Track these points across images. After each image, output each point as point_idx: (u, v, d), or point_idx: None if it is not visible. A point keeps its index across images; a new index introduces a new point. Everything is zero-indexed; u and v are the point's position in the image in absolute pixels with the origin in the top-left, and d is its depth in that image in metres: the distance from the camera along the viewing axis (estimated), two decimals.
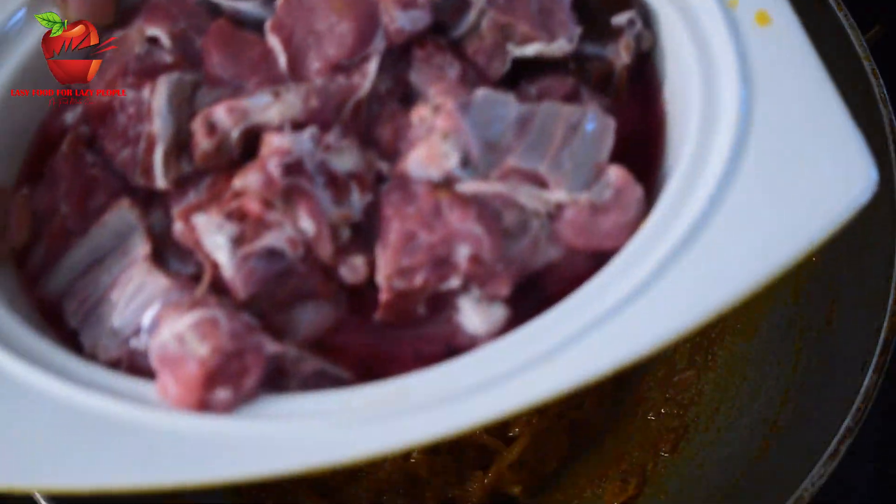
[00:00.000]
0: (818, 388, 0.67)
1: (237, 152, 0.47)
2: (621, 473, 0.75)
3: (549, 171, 0.45)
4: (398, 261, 0.45)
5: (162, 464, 0.42)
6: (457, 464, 0.75)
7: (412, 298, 0.45)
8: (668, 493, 0.72)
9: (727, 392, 0.74)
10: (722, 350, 0.77)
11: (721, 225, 0.43)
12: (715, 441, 0.73)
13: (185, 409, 0.43)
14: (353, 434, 0.42)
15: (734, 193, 0.43)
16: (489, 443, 0.74)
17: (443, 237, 0.44)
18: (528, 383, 0.42)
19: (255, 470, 0.42)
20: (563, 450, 0.77)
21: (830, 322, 0.68)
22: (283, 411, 0.43)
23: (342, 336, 0.47)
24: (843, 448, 0.60)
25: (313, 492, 0.75)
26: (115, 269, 0.48)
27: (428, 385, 0.43)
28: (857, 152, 0.42)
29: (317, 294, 0.46)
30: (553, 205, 0.45)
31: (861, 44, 0.65)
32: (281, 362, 0.45)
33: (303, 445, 0.42)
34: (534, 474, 0.76)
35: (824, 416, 0.63)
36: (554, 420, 0.76)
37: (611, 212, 0.45)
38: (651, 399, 0.78)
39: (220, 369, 0.43)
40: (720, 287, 0.42)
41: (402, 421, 0.42)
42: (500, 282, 0.45)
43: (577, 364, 0.42)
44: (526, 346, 0.43)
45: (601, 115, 0.47)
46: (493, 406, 0.42)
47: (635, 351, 0.41)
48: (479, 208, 0.45)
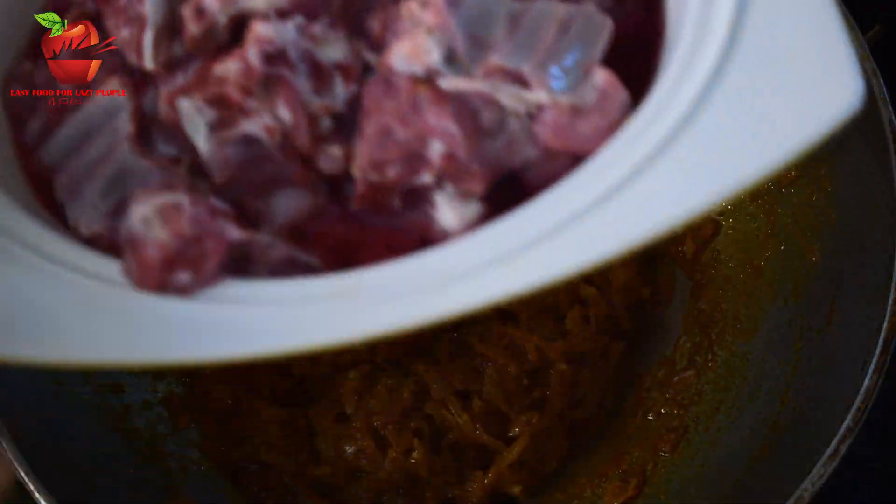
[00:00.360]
0: (818, 388, 0.67)
1: (226, 38, 0.48)
2: (621, 473, 0.75)
3: (532, 72, 0.45)
4: (373, 153, 0.45)
5: (112, 342, 0.43)
6: (457, 464, 0.75)
7: (386, 191, 0.46)
8: (668, 493, 0.72)
9: (727, 392, 0.74)
10: (722, 350, 0.77)
11: (700, 131, 0.42)
12: (715, 441, 0.73)
13: (146, 290, 0.44)
14: (311, 322, 0.42)
15: (715, 102, 0.43)
16: (489, 443, 0.74)
17: (418, 132, 0.45)
18: (495, 279, 0.42)
19: (205, 353, 0.43)
20: (563, 450, 0.77)
21: (830, 322, 0.68)
22: (243, 296, 0.44)
23: (318, 224, 0.47)
24: (843, 448, 0.60)
25: (313, 492, 0.75)
26: (103, 146, 0.49)
27: (394, 275, 0.43)
28: (845, 66, 0.41)
29: (294, 182, 0.47)
30: (534, 105, 0.45)
31: (861, 44, 0.65)
32: (249, 248, 0.45)
33: (258, 331, 0.43)
34: (534, 474, 0.76)
35: (824, 416, 0.63)
36: (554, 420, 0.76)
37: (592, 115, 0.45)
38: (651, 399, 0.78)
39: (178, 253, 0.44)
40: (695, 193, 0.41)
41: (363, 311, 0.42)
42: (474, 179, 0.45)
43: (545, 262, 0.41)
44: (496, 241, 0.43)
45: (598, 16, 0.46)
46: (459, 299, 0.42)
47: (603, 253, 0.41)
48: (457, 106, 0.45)
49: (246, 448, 0.75)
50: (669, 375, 0.78)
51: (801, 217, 0.73)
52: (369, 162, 0.45)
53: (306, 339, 0.42)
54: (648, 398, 0.78)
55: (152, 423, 0.76)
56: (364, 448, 0.73)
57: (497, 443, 0.74)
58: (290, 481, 0.75)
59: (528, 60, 0.45)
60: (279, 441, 0.75)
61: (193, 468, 0.75)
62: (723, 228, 0.80)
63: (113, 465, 0.71)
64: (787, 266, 0.74)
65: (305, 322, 0.43)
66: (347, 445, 0.74)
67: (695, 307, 0.80)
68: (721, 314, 0.78)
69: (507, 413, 0.75)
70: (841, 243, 0.69)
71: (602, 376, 0.78)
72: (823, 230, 0.71)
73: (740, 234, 0.79)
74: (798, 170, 0.74)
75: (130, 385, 0.76)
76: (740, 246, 0.78)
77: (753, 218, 0.78)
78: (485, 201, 0.46)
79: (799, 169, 0.74)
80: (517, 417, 0.74)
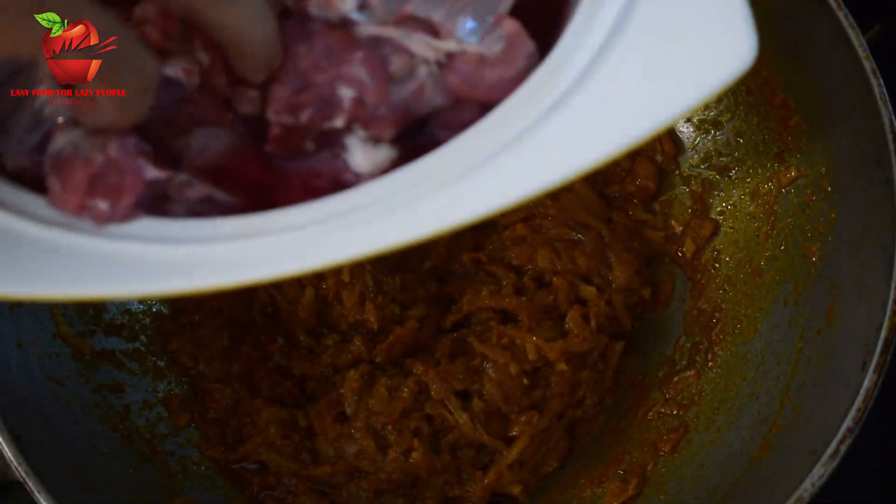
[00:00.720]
0: (818, 388, 0.67)
1: None
2: (621, 473, 0.75)
3: (443, 21, 0.46)
4: (286, 97, 0.46)
5: (28, 276, 0.43)
6: (457, 464, 0.75)
7: (300, 134, 0.47)
8: (668, 493, 0.72)
9: (727, 392, 0.74)
10: (722, 350, 0.77)
11: (599, 84, 0.44)
12: (715, 441, 0.73)
13: (66, 211, 0.45)
14: (222, 261, 0.44)
15: (615, 56, 0.44)
16: (489, 443, 0.74)
17: (330, 78, 0.46)
18: (401, 221, 0.43)
19: (118, 289, 0.44)
20: (563, 450, 0.77)
21: (830, 322, 0.68)
22: (157, 234, 0.45)
23: (236, 165, 0.48)
24: (843, 448, 0.60)
25: (313, 492, 0.75)
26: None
27: (306, 216, 0.45)
28: (742, 25, 0.42)
29: (212, 122, 0.48)
30: (443, 53, 0.46)
31: (861, 44, 0.65)
32: (165, 188, 0.46)
33: (171, 269, 0.44)
34: (534, 474, 0.76)
35: (824, 416, 0.63)
36: (554, 420, 0.76)
37: (498, 65, 0.46)
38: (651, 399, 0.78)
39: (101, 176, 0.45)
40: (594, 143, 0.43)
41: (274, 251, 0.44)
42: (384, 124, 0.47)
43: (449, 206, 0.43)
44: (404, 185, 0.44)
45: None
46: (365, 241, 0.43)
47: (502, 199, 0.42)
48: (367, 52, 0.46)
49: (246, 448, 0.75)
50: (669, 375, 0.78)
51: (801, 217, 0.73)
52: (283, 105, 0.46)
53: (216, 279, 0.43)
54: (648, 398, 0.78)
55: (152, 423, 0.76)
56: (364, 448, 0.73)
57: (497, 443, 0.74)
58: (290, 481, 0.75)
59: (438, 9, 0.46)
60: (279, 441, 0.75)
61: (193, 468, 0.75)
62: (722, 228, 0.80)
63: (113, 465, 0.71)
64: (787, 266, 0.74)
65: (217, 261, 0.44)
66: (347, 445, 0.74)
67: (695, 307, 0.80)
68: (721, 314, 0.78)
69: (507, 413, 0.75)
70: (841, 243, 0.69)
71: (602, 376, 0.78)
72: (823, 230, 0.71)
73: (740, 234, 0.79)
74: (798, 170, 0.74)
75: (130, 385, 0.76)
76: (740, 246, 0.79)
77: (753, 218, 0.78)
78: (396, 146, 0.47)
79: (799, 169, 0.74)
80: (517, 417, 0.74)
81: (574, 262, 0.78)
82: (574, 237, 0.79)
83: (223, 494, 0.75)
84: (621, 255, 0.78)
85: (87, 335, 0.75)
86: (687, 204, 0.82)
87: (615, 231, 0.80)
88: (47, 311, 0.73)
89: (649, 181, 0.82)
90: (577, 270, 0.78)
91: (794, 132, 0.74)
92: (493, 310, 0.77)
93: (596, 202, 0.82)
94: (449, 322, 0.78)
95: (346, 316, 0.77)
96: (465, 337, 0.76)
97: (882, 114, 0.64)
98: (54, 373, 0.72)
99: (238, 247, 0.44)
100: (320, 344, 0.78)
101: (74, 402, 0.72)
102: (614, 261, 0.78)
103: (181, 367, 0.79)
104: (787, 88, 0.74)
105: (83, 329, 0.75)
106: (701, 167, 0.82)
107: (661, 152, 0.82)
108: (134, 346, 0.78)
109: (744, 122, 0.79)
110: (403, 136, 0.48)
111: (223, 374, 0.78)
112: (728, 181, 0.80)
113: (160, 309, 0.80)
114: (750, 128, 0.78)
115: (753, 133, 0.78)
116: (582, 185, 0.81)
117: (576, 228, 0.79)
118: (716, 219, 0.80)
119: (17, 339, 0.70)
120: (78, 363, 0.74)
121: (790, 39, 0.71)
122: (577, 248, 0.79)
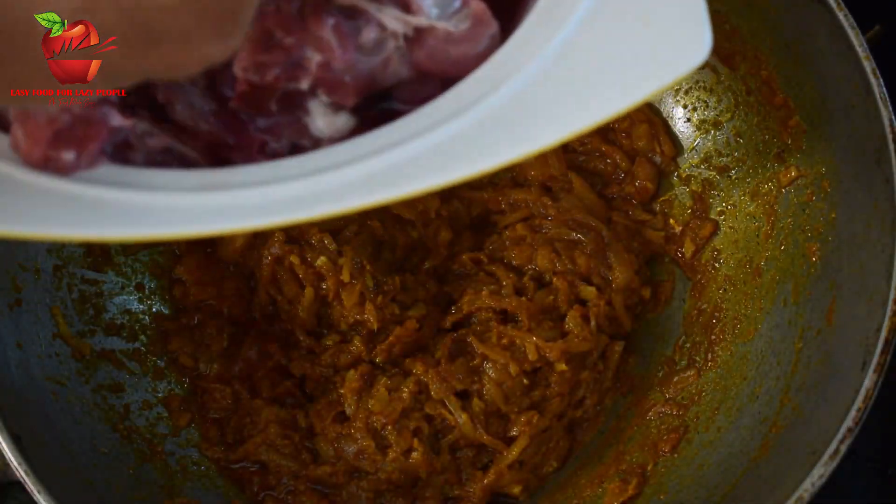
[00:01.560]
0: (818, 388, 0.67)
1: None
2: (621, 473, 0.75)
3: None
4: (255, 55, 0.47)
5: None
6: (457, 464, 0.75)
7: (265, 93, 0.48)
8: (668, 493, 0.72)
9: (727, 392, 0.74)
10: (722, 350, 0.77)
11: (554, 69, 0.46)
12: (715, 441, 0.73)
13: (31, 164, 0.45)
14: (180, 211, 0.45)
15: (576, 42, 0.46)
16: (489, 443, 0.74)
17: (298, 41, 0.47)
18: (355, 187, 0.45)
19: (79, 231, 0.45)
20: (563, 450, 0.77)
21: (830, 322, 0.68)
22: (119, 180, 0.46)
23: (198, 120, 0.49)
24: (843, 448, 0.60)
25: (313, 492, 0.75)
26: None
27: (263, 174, 0.46)
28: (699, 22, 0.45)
29: None
30: (412, 28, 0.48)
31: (861, 44, 0.65)
32: (129, 136, 0.47)
33: (129, 214, 0.45)
34: (534, 474, 0.76)
35: (824, 416, 0.63)
36: (554, 420, 0.76)
37: (462, 42, 0.48)
38: (651, 399, 0.78)
39: (66, 130, 0.45)
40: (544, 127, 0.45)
41: (230, 205, 0.45)
42: (347, 92, 0.48)
43: (401, 174, 0.45)
44: (361, 151, 0.46)
45: None
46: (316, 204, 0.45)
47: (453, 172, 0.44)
48: (338, 20, 0.47)
49: (246, 448, 0.75)
50: (669, 375, 0.78)
51: (801, 217, 0.73)
52: (251, 63, 0.47)
53: (173, 227, 0.45)
54: (648, 398, 0.78)
55: (152, 423, 0.76)
56: (364, 448, 0.73)
57: (497, 443, 0.74)
58: (290, 481, 0.75)
59: None
60: (279, 441, 0.75)
61: (193, 468, 0.75)
62: (722, 228, 0.80)
63: (113, 465, 0.71)
64: (787, 266, 0.74)
65: (175, 210, 0.45)
66: (347, 445, 0.74)
67: (695, 307, 0.80)
68: (721, 314, 0.78)
69: (507, 413, 0.75)
70: (841, 243, 0.69)
71: (602, 376, 0.78)
72: (823, 230, 0.71)
73: (740, 234, 0.79)
74: (798, 170, 0.74)
75: (130, 385, 0.76)
76: (740, 246, 0.79)
77: (753, 218, 0.78)
78: (356, 115, 0.49)
79: (799, 169, 0.74)
80: (517, 417, 0.74)
81: (574, 263, 0.78)
82: (574, 237, 0.79)
83: (223, 494, 0.75)
84: (621, 255, 0.78)
85: (86, 335, 0.75)
86: (687, 204, 0.82)
87: (615, 231, 0.80)
88: (47, 311, 0.73)
89: (648, 182, 0.82)
90: (577, 271, 0.78)
91: (794, 132, 0.74)
92: (493, 310, 0.77)
93: (596, 202, 0.82)
94: (449, 322, 0.78)
95: (346, 316, 0.77)
96: (465, 337, 0.76)
97: (882, 114, 0.64)
98: (54, 373, 0.72)
99: (201, 198, 0.45)
100: (320, 344, 0.78)
101: (74, 403, 0.72)
102: (614, 261, 0.78)
103: (181, 367, 0.79)
104: (787, 88, 0.74)
105: (83, 329, 0.75)
106: (701, 167, 0.82)
107: (660, 153, 0.82)
108: (134, 346, 0.78)
109: (744, 122, 0.79)
110: (364, 106, 0.49)
111: (223, 374, 0.78)
112: (728, 181, 0.80)
113: (160, 309, 0.80)
114: (750, 128, 0.78)
115: (753, 133, 0.78)
116: (582, 185, 0.81)
117: (576, 229, 0.79)
118: (715, 219, 0.80)
119: (17, 339, 0.70)
120: (78, 363, 0.74)
121: (790, 39, 0.71)
122: (577, 248, 0.79)
